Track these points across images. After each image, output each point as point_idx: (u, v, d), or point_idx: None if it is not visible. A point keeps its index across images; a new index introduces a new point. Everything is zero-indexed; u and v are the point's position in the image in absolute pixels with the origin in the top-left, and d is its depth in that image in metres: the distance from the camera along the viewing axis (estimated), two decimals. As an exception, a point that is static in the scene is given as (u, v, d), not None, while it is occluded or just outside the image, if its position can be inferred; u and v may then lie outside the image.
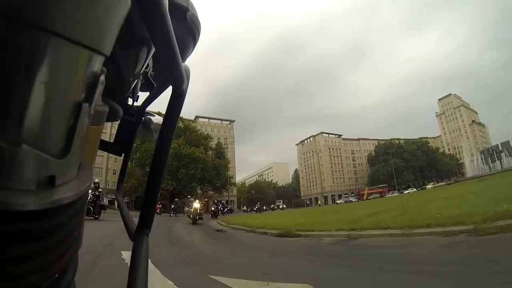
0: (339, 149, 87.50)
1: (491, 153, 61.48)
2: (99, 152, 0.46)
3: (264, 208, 52.67)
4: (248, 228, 8.22)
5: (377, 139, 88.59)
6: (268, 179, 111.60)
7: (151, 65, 0.60)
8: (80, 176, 0.24)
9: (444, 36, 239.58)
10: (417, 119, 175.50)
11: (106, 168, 52.39)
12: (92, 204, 10.24)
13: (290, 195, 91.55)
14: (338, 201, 59.84)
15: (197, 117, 74.49)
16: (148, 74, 0.59)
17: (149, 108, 0.72)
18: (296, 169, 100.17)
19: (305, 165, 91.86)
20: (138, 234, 0.42)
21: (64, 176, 0.22)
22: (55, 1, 0.18)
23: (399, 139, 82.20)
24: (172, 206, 23.53)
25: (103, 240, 4.84)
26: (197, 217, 11.34)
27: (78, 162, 0.24)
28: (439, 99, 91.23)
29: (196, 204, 11.55)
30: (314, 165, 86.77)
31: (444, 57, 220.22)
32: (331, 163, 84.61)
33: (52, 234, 0.22)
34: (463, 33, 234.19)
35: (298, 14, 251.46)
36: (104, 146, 0.65)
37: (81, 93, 0.22)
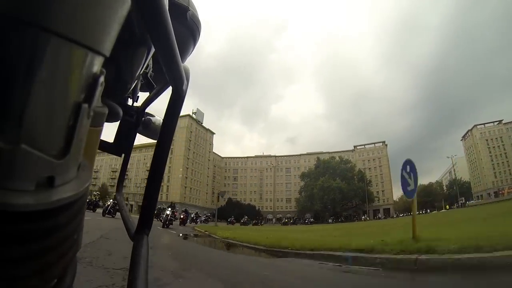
0: (500, 137, 76.55)
1: None
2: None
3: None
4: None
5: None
6: (454, 176, 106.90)
7: (151, 65, 0.59)
8: (80, 176, 0.24)
9: None
10: None
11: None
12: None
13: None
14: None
15: (355, 146, 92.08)
16: (148, 75, 0.59)
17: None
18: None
19: (470, 161, 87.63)
20: (138, 234, 0.41)
21: (63, 177, 0.22)
22: (55, 1, 0.18)
23: None
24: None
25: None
26: (167, 222, 12.38)
27: (78, 163, 0.24)
28: None
29: (168, 211, 13.00)
30: (475, 161, 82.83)
31: None
32: (491, 156, 76.84)
33: (51, 235, 0.22)
34: None
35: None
36: (104, 146, 0.65)
37: (81, 94, 0.22)
